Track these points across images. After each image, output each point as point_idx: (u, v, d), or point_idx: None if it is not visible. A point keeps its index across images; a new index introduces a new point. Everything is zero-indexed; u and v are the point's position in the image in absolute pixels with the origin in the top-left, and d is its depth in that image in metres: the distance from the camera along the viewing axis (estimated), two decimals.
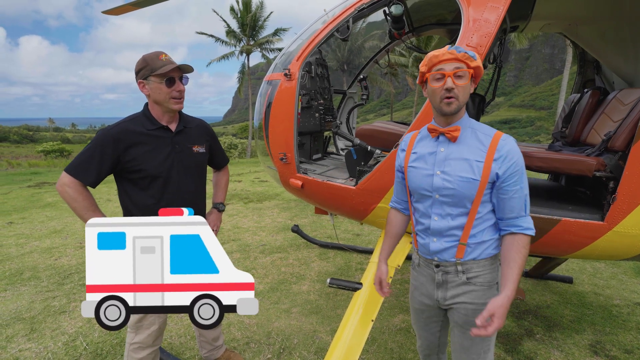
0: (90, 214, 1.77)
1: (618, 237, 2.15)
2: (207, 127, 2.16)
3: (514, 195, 1.42)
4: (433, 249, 1.54)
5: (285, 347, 2.77)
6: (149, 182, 1.85)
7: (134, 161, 1.80)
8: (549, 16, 3.02)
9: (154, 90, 1.81)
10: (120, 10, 3.41)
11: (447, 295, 1.57)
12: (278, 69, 2.83)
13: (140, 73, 1.81)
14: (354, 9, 2.48)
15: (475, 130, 1.47)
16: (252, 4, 28.81)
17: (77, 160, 1.77)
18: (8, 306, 3.32)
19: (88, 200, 1.78)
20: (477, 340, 1.56)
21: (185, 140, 1.96)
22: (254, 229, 5.71)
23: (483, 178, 1.41)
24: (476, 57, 1.40)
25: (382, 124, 2.97)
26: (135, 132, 1.82)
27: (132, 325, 1.98)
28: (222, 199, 2.30)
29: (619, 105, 2.64)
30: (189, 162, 1.96)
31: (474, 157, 1.43)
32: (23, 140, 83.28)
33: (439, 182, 1.47)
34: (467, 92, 1.41)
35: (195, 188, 2.03)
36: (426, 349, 1.84)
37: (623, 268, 4.42)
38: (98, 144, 1.76)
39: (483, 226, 1.49)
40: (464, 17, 2.13)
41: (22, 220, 6.16)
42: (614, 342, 2.92)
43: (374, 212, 2.52)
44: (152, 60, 1.79)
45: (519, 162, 1.42)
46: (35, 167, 15.15)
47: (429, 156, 1.52)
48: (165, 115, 1.90)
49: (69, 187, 1.74)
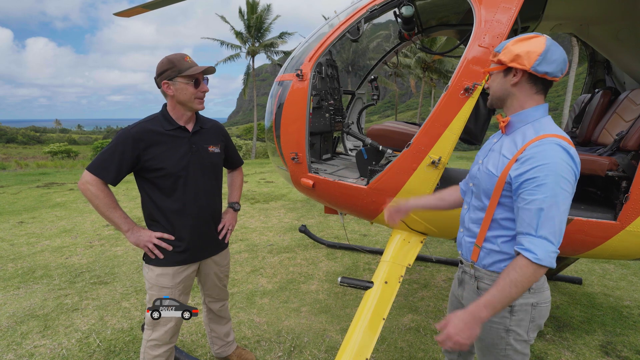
0: (112, 211, 1.82)
1: (631, 237, 2.15)
2: (222, 128, 2.20)
3: (528, 206, 1.22)
4: (458, 239, 1.57)
5: (296, 346, 2.78)
6: (168, 181, 1.89)
7: (152, 160, 1.84)
8: (560, 17, 3.02)
9: (179, 91, 1.85)
10: (131, 12, 3.46)
11: (464, 295, 1.57)
12: (289, 70, 2.86)
13: (165, 74, 1.84)
14: (365, 10, 2.50)
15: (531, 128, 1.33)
16: (259, 6, 29.02)
17: (98, 159, 1.81)
18: (22, 303, 3.37)
19: (109, 198, 1.82)
20: (486, 354, 1.49)
21: (201, 140, 2.01)
22: (261, 229, 5.74)
23: (502, 175, 1.31)
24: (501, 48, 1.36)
25: (393, 124, 2.99)
26: (155, 131, 1.86)
27: (149, 323, 2.01)
28: (237, 199, 2.34)
29: (631, 105, 2.64)
30: (205, 162, 2.00)
31: (506, 152, 1.35)
32: (30, 142, 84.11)
33: (475, 171, 1.49)
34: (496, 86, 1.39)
35: (212, 187, 2.07)
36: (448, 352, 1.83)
37: (633, 269, 4.39)
38: (119, 143, 1.80)
39: (498, 232, 1.38)
40: (476, 17, 2.14)
41: (32, 219, 6.23)
42: (625, 343, 2.91)
43: None
44: (179, 61, 1.83)
45: (545, 169, 1.19)
46: (43, 167, 15.31)
47: (486, 146, 1.53)
48: (184, 116, 1.94)
49: (90, 185, 1.79)
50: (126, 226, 1.86)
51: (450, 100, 2.13)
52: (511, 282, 1.21)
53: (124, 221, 1.86)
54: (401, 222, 2.54)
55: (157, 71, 1.87)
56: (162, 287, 1.96)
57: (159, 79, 1.87)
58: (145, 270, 2.01)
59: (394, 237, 2.59)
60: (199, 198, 1.98)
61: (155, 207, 1.92)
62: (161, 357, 2.04)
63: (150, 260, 1.95)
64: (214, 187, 2.09)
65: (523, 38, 1.31)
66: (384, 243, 5.15)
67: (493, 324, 1.40)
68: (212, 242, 2.13)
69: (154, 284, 1.96)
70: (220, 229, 2.17)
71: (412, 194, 2.36)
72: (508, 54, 1.31)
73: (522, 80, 1.32)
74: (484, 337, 1.44)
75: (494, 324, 1.40)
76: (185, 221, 1.95)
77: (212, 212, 2.10)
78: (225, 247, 2.25)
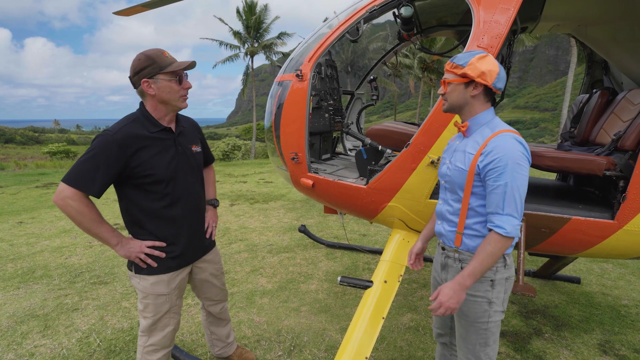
0: (98, 227, 1.69)
1: (628, 236, 2.17)
2: (197, 125, 2.12)
3: (494, 191, 1.47)
4: (438, 230, 1.74)
5: (296, 345, 2.79)
6: (158, 186, 1.77)
7: (141, 166, 1.70)
8: (558, 17, 3.04)
9: (162, 89, 1.71)
10: (131, 11, 3.47)
11: (448, 278, 1.70)
12: (289, 71, 2.87)
13: (144, 71, 1.67)
14: (365, 10, 2.52)
15: (487, 127, 1.58)
16: (257, 6, 29.04)
17: (77, 170, 1.62)
18: (21, 303, 3.37)
19: (93, 212, 1.67)
20: (471, 331, 1.66)
21: (185, 140, 1.92)
22: (260, 229, 5.74)
23: (470, 169, 1.53)
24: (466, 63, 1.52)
25: (393, 124, 3.00)
26: (140, 135, 1.71)
27: (144, 329, 1.95)
28: (214, 195, 2.28)
29: (629, 105, 2.65)
30: (192, 163, 1.93)
31: (470, 149, 1.57)
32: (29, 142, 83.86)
33: (444, 169, 1.69)
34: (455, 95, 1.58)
35: (199, 188, 2.01)
36: (439, 327, 1.97)
37: (631, 269, 4.41)
38: (102, 150, 1.62)
39: (477, 219, 1.58)
40: (474, 18, 2.15)
41: (31, 220, 6.23)
42: (623, 342, 2.92)
43: (384, 211, 2.55)
44: (159, 57, 1.68)
45: (504, 158, 1.43)
46: (42, 168, 15.28)
47: (451, 148, 1.73)
48: (167, 116, 1.82)
49: (72, 200, 1.61)
50: (115, 240, 1.74)
51: None
52: (488, 254, 1.46)
53: (111, 235, 1.73)
54: (400, 222, 2.56)
55: (133, 69, 1.70)
56: (158, 294, 1.88)
57: (136, 77, 1.70)
58: (135, 280, 1.88)
59: (393, 236, 2.61)
60: (189, 201, 1.91)
61: (142, 214, 1.80)
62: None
63: (142, 270, 1.84)
64: (200, 188, 2.03)
65: (482, 56, 1.52)
66: (383, 243, 5.16)
67: (477, 298, 1.60)
68: (202, 243, 2.08)
69: (150, 293, 1.87)
70: (206, 228, 2.12)
71: (411, 194, 2.37)
72: (475, 70, 1.51)
73: (480, 93, 1.56)
74: (468, 312, 1.63)
75: (478, 298, 1.60)
76: (177, 225, 1.87)
77: (201, 213, 2.06)
78: (213, 245, 2.21)
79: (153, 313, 1.91)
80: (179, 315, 2.06)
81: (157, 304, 1.90)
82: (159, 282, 1.88)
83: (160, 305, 1.91)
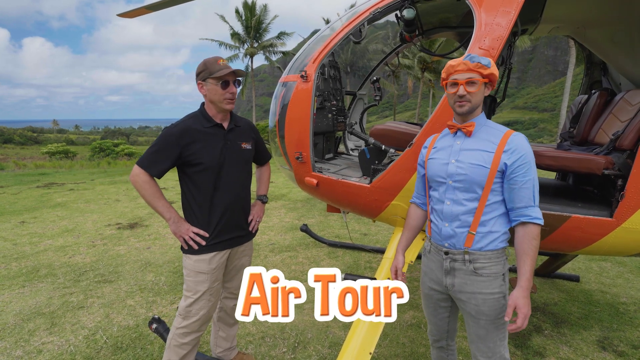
0: (156, 201, 1.99)
1: (626, 233, 2.22)
2: (253, 125, 2.35)
3: (524, 186, 1.52)
4: (445, 233, 1.66)
5: (300, 342, 2.83)
6: (205, 175, 2.04)
7: (192, 155, 1.99)
8: (558, 19, 3.09)
9: (210, 91, 2.00)
10: (135, 13, 3.50)
11: (455, 282, 1.67)
12: (293, 71, 2.91)
13: (200, 75, 2.01)
14: (368, 12, 2.56)
15: (489, 127, 1.63)
16: (257, 7, 29.06)
17: (146, 155, 2.00)
18: (27, 302, 3.40)
19: (154, 189, 1.99)
20: (491, 329, 1.64)
21: (235, 137, 2.15)
22: (262, 228, 5.78)
23: (493, 166, 1.54)
24: (490, 64, 1.53)
25: (395, 124, 3.05)
26: (195, 129, 2.02)
27: (182, 310, 2.10)
28: (265, 192, 2.48)
29: (627, 105, 2.71)
30: (239, 157, 2.15)
31: (486, 148, 1.58)
32: (27, 142, 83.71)
33: (452, 169, 1.63)
34: (480, 96, 1.58)
35: (244, 180, 2.21)
36: (436, 334, 1.94)
37: (629, 267, 4.47)
38: (163, 140, 1.97)
39: (492, 215, 1.59)
40: (476, 21, 2.20)
41: (33, 219, 6.25)
42: (622, 338, 2.97)
43: (388, 209, 2.59)
44: (211, 64, 1.98)
45: (528, 155, 1.53)
46: (41, 168, 15.28)
47: (447, 148, 1.69)
48: (219, 114, 2.09)
49: (138, 177, 1.97)
50: (168, 214, 2.01)
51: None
52: (536, 249, 1.51)
53: (166, 210, 2.01)
54: (403, 220, 2.60)
55: (195, 72, 2.06)
56: (198, 272, 2.08)
57: (196, 79, 2.04)
58: (184, 259, 2.15)
59: (396, 234, 2.65)
60: (233, 190, 2.13)
61: (193, 198, 2.07)
62: (188, 345, 2.12)
63: (187, 251, 2.09)
64: (245, 181, 2.23)
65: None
66: (384, 242, 5.21)
67: (495, 295, 1.61)
68: (242, 231, 2.25)
69: (192, 270, 2.08)
70: (250, 220, 2.30)
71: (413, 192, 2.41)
72: (495, 72, 1.56)
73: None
74: (489, 311, 1.62)
75: (495, 294, 1.61)
76: (220, 211, 2.09)
77: (244, 203, 2.24)
78: (252, 237, 2.38)
79: (193, 291, 2.09)
80: (216, 300, 2.20)
81: (196, 282, 2.08)
82: (201, 261, 2.08)
83: (199, 283, 2.08)
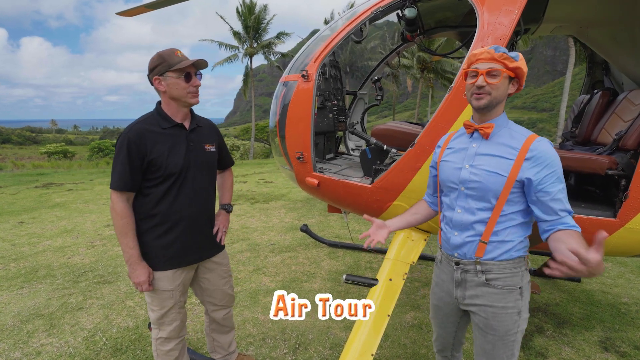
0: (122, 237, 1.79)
1: (630, 234, 2.20)
2: (216, 127, 2.17)
3: (557, 195, 1.39)
4: (454, 242, 1.56)
5: (301, 343, 2.82)
6: (167, 181, 1.84)
7: (154, 160, 1.80)
8: (560, 19, 3.08)
9: (171, 86, 1.81)
10: (134, 12, 3.48)
11: (466, 295, 1.58)
12: (294, 71, 2.89)
13: (156, 69, 1.80)
14: (370, 12, 2.54)
15: (510, 130, 1.47)
16: (256, 6, 29.04)
17: (114, 174, 1.79)
18: (26, 303, 3.38)
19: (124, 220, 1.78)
20: (499, 345, 1.54)
21: (199, 138, 1.97)
22: (262, 228, 5.76)
23: (511, 175, 1.41)
24: (518, 57, 1.40)
25: (397, 123, 3.03)
26: (152, 131, 1.81)
27: (154, 322, 1.99)
28: (229, 200, 2.30)
29: (630, 105, 2.69)
30: (203, 160, 1.97)
31: (504, 154, 1.44)
32: (26, 142, 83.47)
33: (465, 175, 1.50)
34: (502, 90, 1.42)
35: (208, 187, 2.02)
36: (440, 344, 1.87)
37: (630, 267, 4.46)
38: (121, 149, 1.76)
39: (507, 224, 1.47)
40: (479, 20, 2.18)
41: (32, 220, 6.22)
42: (624, 339, 2.96)
43: (389, 209, 2.58)
44: (169, 56, 1.79)
45: (555, 162, 1.40)
46: (40, 168, 15.24)
47: (461, 151, 1.56)
48: (180, 112, 1.89)
49: (115, 204, 1.78)
50: (127, 255, 1.82)
51: (453, 100, 2.17)
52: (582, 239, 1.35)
53: (128, 249, 1.81)
54: None
55: (148, 67, 1.83)
56: (162, 290, 1.93)
57: (150, 75, 1.83)
58: None
59: (398, 235, 2.63)
60: (196, 198, 1.94)
61: (151, 206, 1.86)
62: (174, 350, 2.04)
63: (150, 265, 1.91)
64: (209, 187, 2.04)
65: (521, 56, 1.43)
66: (385, 242, 5.18)
67: (508, 310, 1.50)
68: (207, 243, 2.08)
69: (154, 287, 1.92)
70: (216, 232, 2.13)
71: (415, 193, 2.40)
72: (524, 67, 1.42)
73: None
74: (498, 326, 1.52)
75: (509, 309, 1.50)
76: (181, 222, 1.90)
77: (208, 213, 2.06)
78: (222, 248, 2.20)
79: (159, 307, 1.96)
80: (185, 310, 2.09)
81: (161, 299, 1.95)
82: (163, 278, 1.92)
83: (164, 300, 1.95)
